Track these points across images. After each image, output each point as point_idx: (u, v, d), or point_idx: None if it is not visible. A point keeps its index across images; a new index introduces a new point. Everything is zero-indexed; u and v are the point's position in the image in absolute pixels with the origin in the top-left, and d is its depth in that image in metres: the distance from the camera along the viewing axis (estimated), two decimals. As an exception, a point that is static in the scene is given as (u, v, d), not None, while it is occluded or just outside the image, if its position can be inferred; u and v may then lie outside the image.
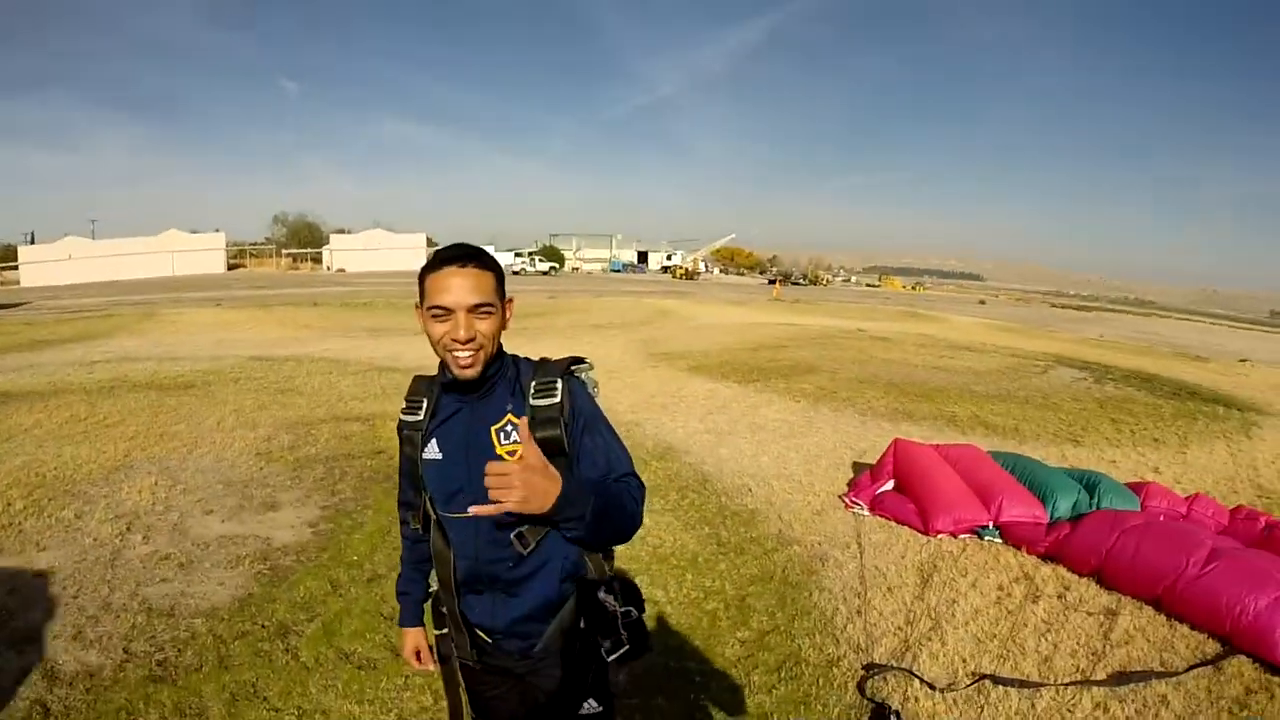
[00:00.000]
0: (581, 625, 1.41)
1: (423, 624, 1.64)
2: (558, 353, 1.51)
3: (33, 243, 42.00)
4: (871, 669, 2.98)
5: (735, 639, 3.21)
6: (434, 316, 1.33)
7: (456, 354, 1.33)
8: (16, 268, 37.84)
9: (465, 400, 1.42)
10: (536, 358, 1.49)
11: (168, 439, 5.85)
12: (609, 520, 1.31)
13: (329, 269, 46.90)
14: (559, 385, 1.38)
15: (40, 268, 36.92)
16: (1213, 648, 3.27)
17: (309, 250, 52.20)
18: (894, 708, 2.64)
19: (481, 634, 1.47)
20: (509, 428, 1.38)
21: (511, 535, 1.36)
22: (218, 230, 47.30)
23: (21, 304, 21.88)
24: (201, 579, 3.55)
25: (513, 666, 1.49)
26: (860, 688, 2.85)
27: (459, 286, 1.31)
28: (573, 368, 1.43)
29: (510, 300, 1.42)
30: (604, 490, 1.31)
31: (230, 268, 45.03)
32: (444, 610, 1.51)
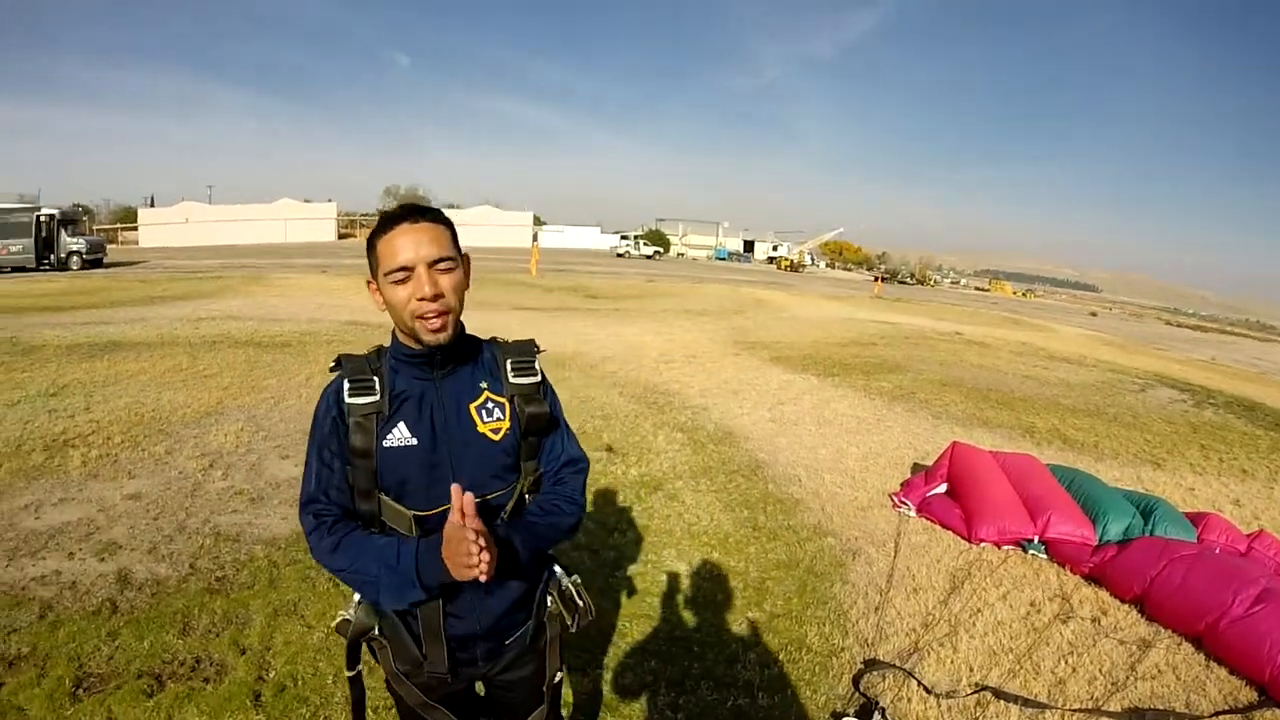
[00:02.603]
0: (549, 605, 1.45)
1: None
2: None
3: (152, 206, 45.39)
4: (872, 665, 2.95)
5: (745, 618, 3.27)
6: (393, 281, 1.23)
7: (426, 318, 1.24)
8: (136, 229, 41.24)
9: (428, 377, 1.32)
10: (487, 336, 1.47)
11: (258, 391, 6.45)
12: (546, 543, 1.37)
13: (437, 242, 49.05)
14: (536, 364, 1.40)
15: (158, 229, 39.94)
16: (1248, 696, 2.96)
17: (419, 223, 54.59)
18: (882, 705, 2.60)
19: (455, 648, 1.36)
20: (489, 404, 1.34)
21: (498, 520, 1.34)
22: (330, 200, 49.88)
23: (139, 262, 24.18)
24: (268, 513, 3.96)
25: (475, 673, 1.43)
26: (855, 681, 2.83)
27: (415, 242, 1.22)
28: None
29: (467, 257, 1.32)
30: (533, 533, 1.33)
31: (340, 237, 47.72)
32: (413, 622, 1.34)
